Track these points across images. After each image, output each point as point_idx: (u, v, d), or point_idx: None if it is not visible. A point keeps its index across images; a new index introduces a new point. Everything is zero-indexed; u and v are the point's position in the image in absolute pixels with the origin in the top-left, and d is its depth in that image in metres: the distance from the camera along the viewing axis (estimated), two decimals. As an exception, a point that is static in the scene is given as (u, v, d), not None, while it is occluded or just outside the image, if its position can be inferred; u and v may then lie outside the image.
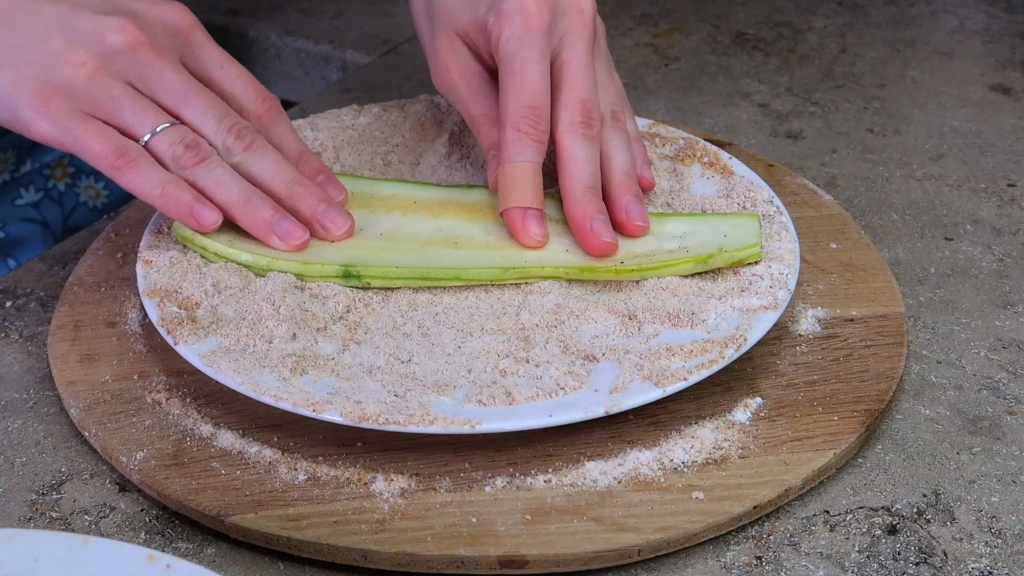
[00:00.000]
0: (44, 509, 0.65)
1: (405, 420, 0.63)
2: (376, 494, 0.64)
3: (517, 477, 0.64)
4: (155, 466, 0.65)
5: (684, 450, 0.66)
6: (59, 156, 0.98)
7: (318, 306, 0.71)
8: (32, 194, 0.97)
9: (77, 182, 1.00)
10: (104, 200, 1.01)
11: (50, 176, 0.98)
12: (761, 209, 0.77)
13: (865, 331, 0.73)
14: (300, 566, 0.63)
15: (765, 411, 0.68)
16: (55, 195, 0.99)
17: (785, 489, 0.64)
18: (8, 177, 0.96)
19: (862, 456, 0.68)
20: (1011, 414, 0.70)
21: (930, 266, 0.82)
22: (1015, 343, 0.75)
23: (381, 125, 0.86)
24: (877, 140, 0.95)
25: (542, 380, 0.67)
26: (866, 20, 1.13)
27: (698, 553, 0.63)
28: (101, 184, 1.01)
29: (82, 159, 0.71)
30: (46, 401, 0.72)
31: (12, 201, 0.97)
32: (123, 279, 0.78)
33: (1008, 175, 0.91)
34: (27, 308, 0.78)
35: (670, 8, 1.16)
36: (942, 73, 1.04)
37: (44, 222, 0.98)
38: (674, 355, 0.67)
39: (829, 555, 0.63)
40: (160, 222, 0.76)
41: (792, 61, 1.07)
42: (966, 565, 0.62)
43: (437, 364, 0.68)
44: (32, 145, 0.96)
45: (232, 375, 0.66)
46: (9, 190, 0.96)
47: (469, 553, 0.61)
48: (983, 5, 1.15)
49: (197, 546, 0.64)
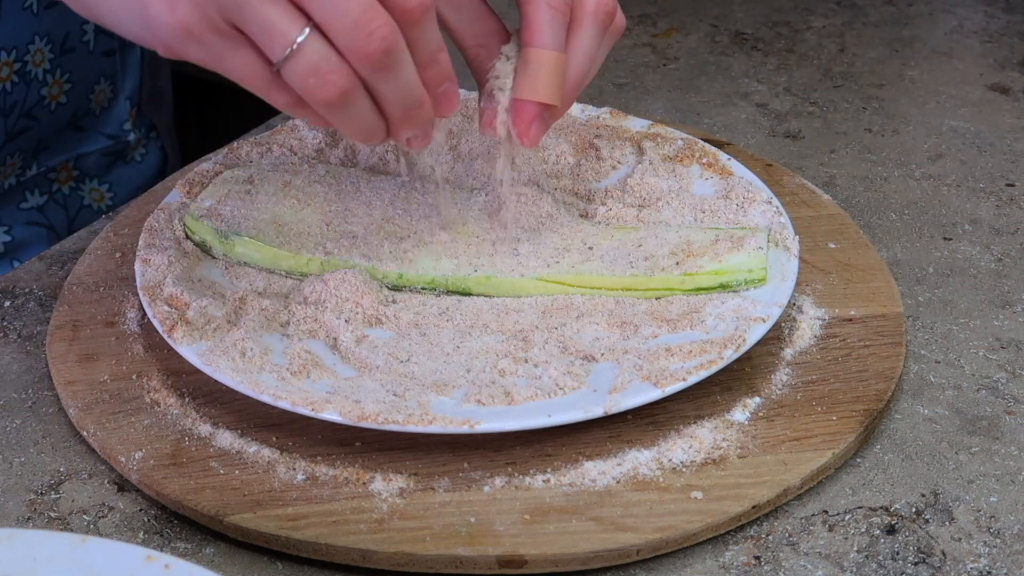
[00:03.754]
0: (43, 509, 0.65)
1: (404, 420, 0.63)
2: (375, 494, 0.64)
3: (516, 477, 0.64)
4: (154, 466, 0.65)
5: (683, 450, 0.66)
6: (64, 160, 0.98)
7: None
8: (37, 198, 0.98)
9: (81, 185, 1.00)
10: (108, 203, 1.01)
11: (55, 180, 0.98)
12: (759, 209, 0.77)
13: (864, 331, 0.73)
14: (299, 566, 0.63)
15: (764, 411, 0.68)
16: (59, 198, 0.99)
17: (784, 489, 0.64)
18: (14, 181, 0.96)
19: (861, 456, 0.68)
20: (1010, 414, 0.71)
21: (929, 266, 0.82)
22: (1014, 343, 0.75)
23: (380, 125, 0.85)
24: (876, 140, 0.95)
25: (541, 380, 0.67)
26: (865, 20, 1.13)
27: (697, 553, 0.63)
28: (105, 187, 1.01)
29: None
30: (45, 401, 0.72)
31: (18, 205, 0.97)
32: (122, 279, 0.78)
33: (1007, 175, 0.91)
34: (26, 308, 0.78)
35: (669, 8, 1.16)
36: (941, 73, 1.04)
37: (49, 225, 0.98)
38: (673, 355, 0.67)
39: (828, 555, 0.63)
40: (159, 222, 0.77)
41: (791, 61, 1.06)
42: (965, 565, 0.62)
43: (436, 364, 0.68)
44: (38, 149, 0.96)
45: (231, 374, 0.66)
46: (15, 194, 0.96)
47: (468, 553, 0.61)
48: (982, 5, 1.15)
49: (196, 546, 0.64)
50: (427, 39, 0.63)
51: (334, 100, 0.61)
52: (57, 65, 0.93)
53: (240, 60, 0.61)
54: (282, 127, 0.86)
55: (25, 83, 0.91)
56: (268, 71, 0.61)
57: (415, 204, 0.78)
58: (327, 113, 0.62)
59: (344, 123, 0.63)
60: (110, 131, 1.01)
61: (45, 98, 0.94)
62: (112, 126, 1.01)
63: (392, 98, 0.62)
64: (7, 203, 0.96)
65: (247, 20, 0.59)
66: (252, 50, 0.61)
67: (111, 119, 1.01)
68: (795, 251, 0.74)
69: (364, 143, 0.66)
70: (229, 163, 0.83)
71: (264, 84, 0.61)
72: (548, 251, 0.74)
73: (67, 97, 0.95)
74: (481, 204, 0.78)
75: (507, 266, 0.73)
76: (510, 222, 0.75)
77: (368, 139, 0.64)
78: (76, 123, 0.98)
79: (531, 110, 0.67)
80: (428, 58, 0.63)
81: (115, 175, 1.02)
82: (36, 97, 0.93)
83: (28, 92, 0.92)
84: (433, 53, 0.63)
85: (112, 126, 1.01)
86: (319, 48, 0.60)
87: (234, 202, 0.77)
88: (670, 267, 0.73)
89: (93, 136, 1.00)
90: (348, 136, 0.65)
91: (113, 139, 1.01)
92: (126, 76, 1.00)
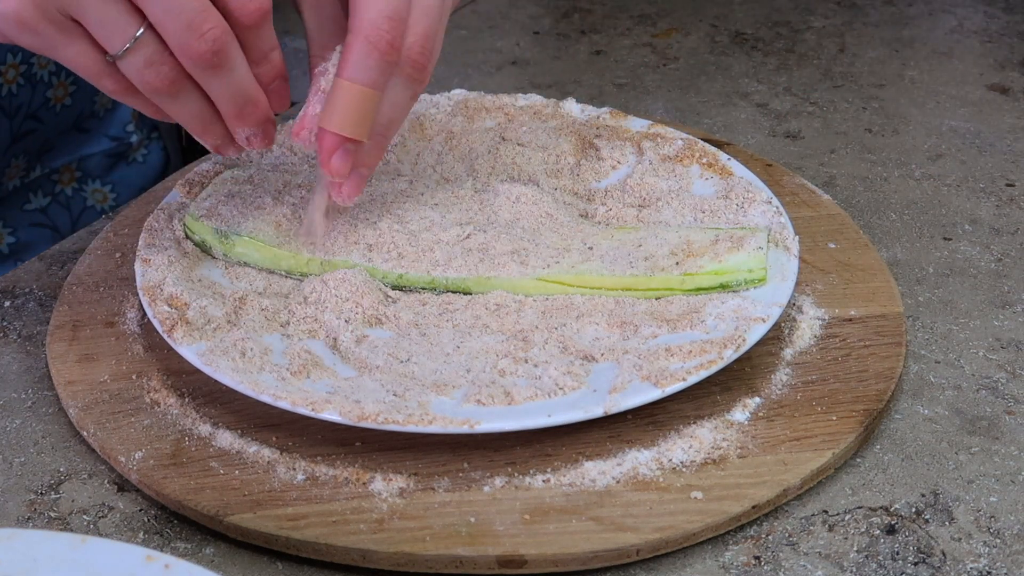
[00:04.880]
0: (43, 509, 0.65)
1: (404, 419, 0.63)
2: (375, 494, 0.64)
3: (516, 477, 0.64)
4: (153, 466, 0.65)
5: (683, 450, 0.66)
6: (67, 161, 0.99)
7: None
8: (40, 199, 0.98)
9: (84, 186, 1.00)
10: (111, 203, 1.02)
11: (58, 181, 0.99)
12: (759, 209, 0.77)
13: (864, 331, 0.73)
14: (298, 566, 0.63)
15: (764, 411, 0.68)
16: (63, 200, 0.99)
17: (784, 489, 0.64)
18: (18, 183, 0.96)
19: (861, 456, 0.68)
20: (1009, 414, 0.71)
21: (928, 266, 0.82)
22: (1013, 343, 0.75)
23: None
24: (876, 140, 0.95)
25: (541, 380, 0.67)
26: (864, 20, 1.13)
27: (697, 553, 0.63)
28: (108, 188, 1.01)
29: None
30: (44, 401, 0.72)
31: (21, 207, 0.97)
32: (122, 279, 0.78)
33: (1006, 175, 0.91)
34: (25, 308, 0.78)
35: (668, 8, 1.16)
36: (940, 73, 1.05)
37: (53, 226, 0.98)
38: (673, 355, 0.67)
39: (828, 555, 0.63)
40: (159, 222, 0.77)
41: (791, 61, 1.07)
42: (964, 565, 0.62)
43: (436, 364, 0.68)
44: (42, 150, 0.96)
45: (231, 374, 0.66)
46: (19, 196, 0.97)
47: (468, 553, 0.61)
48: (981, 5, 1.15)
49: (195, 546, 0.64)
50: (262, 39, 0.65)
51: (165, 89, 0.64)
52: (62, 67, 0.93)
53: (75, 50, 0.63)
54: (282, 127, 0.86)
55: (31, 85, 0.92)
56: (101, 60, 0.63)
57: (416, 204, 0.78)
58: (159, 101, 0.65)
59: (176, 111, 0.66)
60: (113, 133, 1.01)
61: (50, 100, 0.94)
62: (115, 128, 1.01)
63: (224, 94, 0.65)
64: (11, 205, 0.96)
65: (86, 15, 0.62)
66: (87, 40, 0.63)
67: (114, 121, 1.01)
68: (795, 251, 0.74)
69: (201, 135, 0.68)
70: (229, 163, 0.83)
71: (96, 72, 0.64)
72: (548, 251, 0.74)
73: (72, 99, 0.95)
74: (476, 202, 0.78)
75: (507, 266, 0.73)
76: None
77: (203, 130, 0.67)
78: (80, 125, 0.98)
79: (332, 140, 0.67)
80: (261, 56, 0.66)
81: (117, 176, 1.03)
82: (41, 99, 0.93)
83: (34, 94, 0.92)
84: (266, 52, 0.66)
85: (115, 128, 1.01)
86: (154, 44, 0.63)
87: (234, 202, 0.77)
88: (670, 267, 0.73)
89: (96, 138, 1.00)
90: (184, 126, 0.67)
91: (116, 140, 1.01)
92: None
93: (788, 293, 0.71)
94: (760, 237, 0.74)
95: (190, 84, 0.64)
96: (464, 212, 0.78)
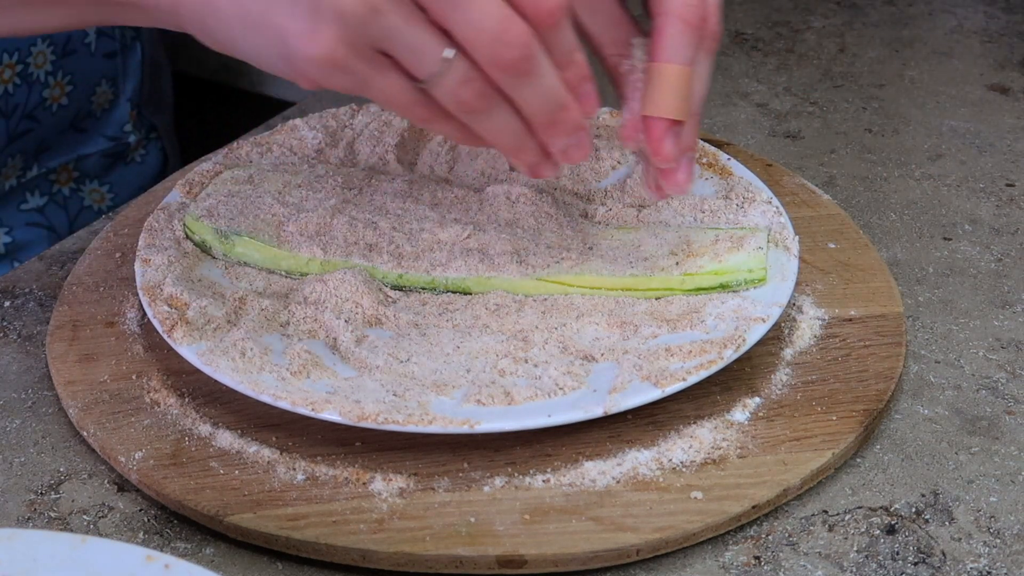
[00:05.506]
0: (43, 509, 0.65)
1: (404, 419, 0.63)
2: (375, 494, 0.64)
3: (516, 477, 0.64)
4: (154, 466, 0.65)
5: (683, 450, 0.66)
6: (64, 161, 0.99)
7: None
8: (37, 199, 0.98)
9: (81, 186, 1.00)
10: (109, 203, 1.02)
11: (55, 181, 0.99)
12: (759, 209, 0.77)
13: (864, 331, 0.73)
14: (298, 566, 0.63)
15: (764, 411, 0.68)
16: (60, 199, 0.99)
17: (784, 489, 0.64)
18: (15, 182, 0.96)
19: (861, 456, 0.68)
20: (1010, 414, 0.71)
21: (928, 266, 0.82)
22: (1014, 343, 0.75)
23: (379, 124, 0.86)
24: (875, 140, 0.95)
25: (541, 380, 0.67)
26: (864, 20, 1.13)
27: (697, 553, 0.63)
28: (106, 188, 1.01)
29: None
30: (44, 401, 0.72)
31: (18, 206, 0.97)
32: (122, 279, 0.78)
33: (1007, 175, 0.91)
34: (25, 308, 0.78)
35: (669, 8, 1.16)
36: (940, 73, 1.04)
37: (50, 226, 0.98)
38: (673, 355, 0.67)
39: (828, 555, 0.63)
40: (159, 222, 0.77)
41: (791, 61, 1.06)
42: (964, 565, 0.62)
43: (436, 364, 0.68)
44: (39, 150, 0.96)
45: (231, 374, 0.66)
46: (15, 195, 0.97)
47: (468, 553, 0.61)
48: (981, 5, 1.15)
49: (195, 546, 0.64)
50: (564, 41, 0.63)
51: (480, 106, 0.62)
52: (59, 67, 0.93)
53: (386, 83, 0.61)
54: (282, 127, 0.86)
55: (27, 85, 0.92)
56: (412, 88, 0.61)
57: (415, 204, 0.78)
58: (472, 121, 0.63)
59: (489, 129, 0.63)
60: (111, 132, 1.01)
61: (47, 100, 0.94)
62: (113, 128, 1.01)
63: (535, 102, 0.63)
64: (8, 204, 0.96)
65: (396, 45, 0.60)
66: (396, 71, 0.61)
67: (112, 121, 1.01)
68: (795, 251, 0.74)
69: (517, 153, 0.66)
70: (229, 163, 0.83)
71: (408, 102, 0.62)
72: (548, 251, 0.74)
73: (68, 99, 0.95)
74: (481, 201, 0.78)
75: (507, 266, 0.73)
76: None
77: (519, 146, 0.64)
78: (77, 125, 0.98)
79: (660, 126, 0.67)
80: (566, 59, 0.63)
81: (115, 176, 1.03)
82: (38, 99, 0.93)
83: (30, 94, 0.92)
84: (569, 54, 0.63)
85: (113, 128, 1.01)
86: (464, 62, 0.60)
87: (234, 202, 0.77)
88: (670, 267, 0.73)
89: (94, 137, 1.00)
90: (499, 146, 0.65)
91: (114, 140, 1.01)
92: (127, 78, 1.00)
93: (788, 293, 0.71)
94: (760, 237, 0.74)
95: (501, 98, 0.62)
96: (464, 212, 0.78)
